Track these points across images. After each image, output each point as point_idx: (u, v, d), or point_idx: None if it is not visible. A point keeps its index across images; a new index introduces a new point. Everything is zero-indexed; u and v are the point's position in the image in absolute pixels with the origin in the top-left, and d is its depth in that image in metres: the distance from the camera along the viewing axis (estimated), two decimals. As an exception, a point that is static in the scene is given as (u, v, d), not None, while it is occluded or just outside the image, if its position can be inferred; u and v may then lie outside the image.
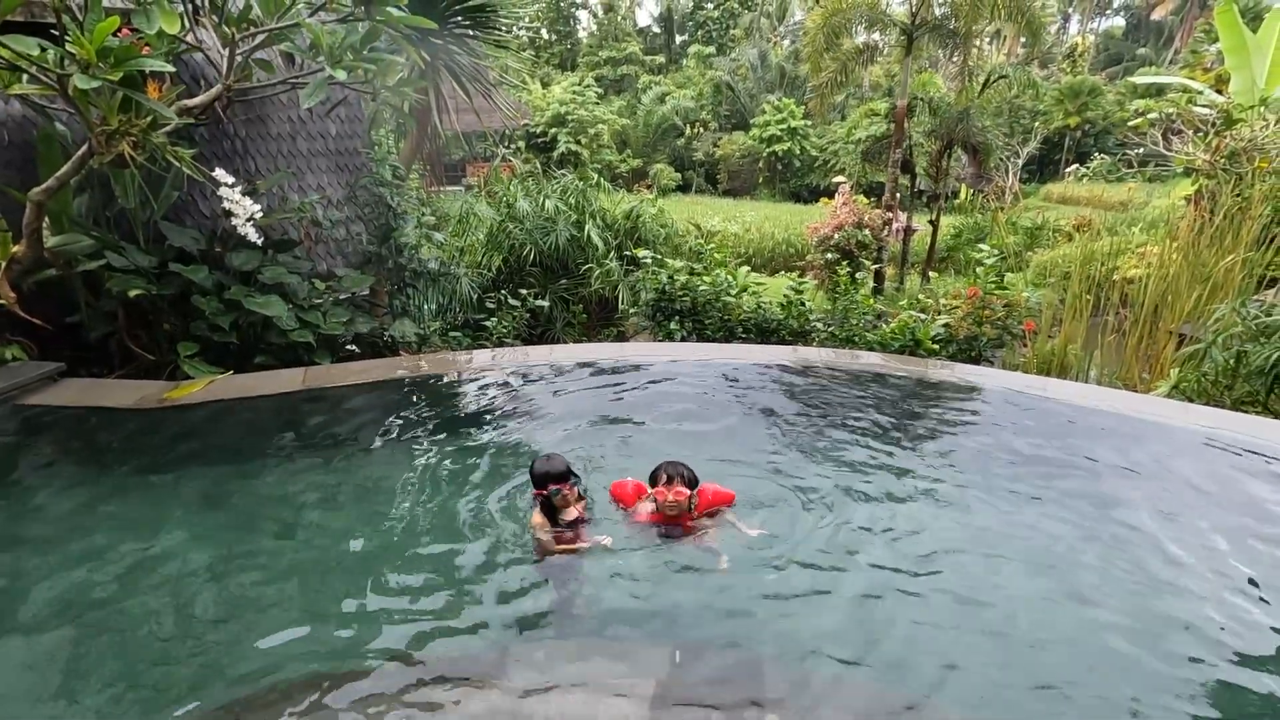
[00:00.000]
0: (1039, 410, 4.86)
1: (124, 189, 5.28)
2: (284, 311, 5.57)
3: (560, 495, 3.37)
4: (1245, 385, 5.40)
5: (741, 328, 6.91)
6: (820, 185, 30.10)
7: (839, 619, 2.97)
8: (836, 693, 2.61)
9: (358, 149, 7.17)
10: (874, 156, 14.49)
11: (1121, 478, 4.10)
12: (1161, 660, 2.76)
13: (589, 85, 34.19)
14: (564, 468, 3.45)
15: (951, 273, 14.99)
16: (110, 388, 4.90)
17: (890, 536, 3.52)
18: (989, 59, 15.55)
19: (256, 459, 4.19)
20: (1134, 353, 8.08)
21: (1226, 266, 7.80)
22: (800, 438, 4.57)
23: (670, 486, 3.42)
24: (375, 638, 2.79)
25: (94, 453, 4.24)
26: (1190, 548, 3.43)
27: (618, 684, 2.59)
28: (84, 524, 3.53)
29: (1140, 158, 15.36)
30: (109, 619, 2.90)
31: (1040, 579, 3.27)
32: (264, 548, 3.43)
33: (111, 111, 4.36)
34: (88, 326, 5.41)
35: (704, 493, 3.54)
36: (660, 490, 3.44)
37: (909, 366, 5.62)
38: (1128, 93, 28.22)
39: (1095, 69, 38.54)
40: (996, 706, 2.56)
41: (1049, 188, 28.02)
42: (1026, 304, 6.64)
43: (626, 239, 8.53)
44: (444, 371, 5.44)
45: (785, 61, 36.54)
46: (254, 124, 6.38)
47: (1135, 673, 2.70)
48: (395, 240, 6.75)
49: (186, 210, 5.95)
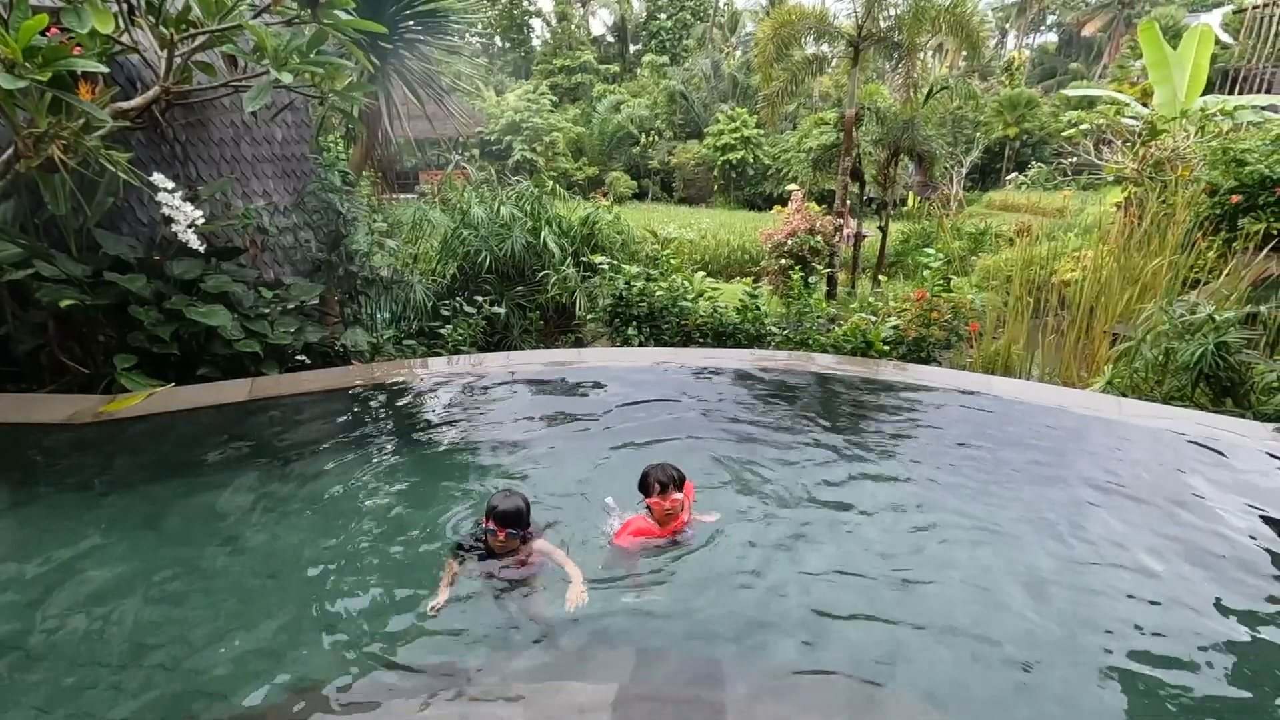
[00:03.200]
0: (984, 407, 5.04)
1: (54, 195, 5.02)
2: (228, 321, 5.38)
3: (493, 535, 3.09)
4: (1173, 380, 5.69)
5: (698, 332, 6.97)
6: (773, 193, 30.61)
7: (799, 610, 3.01)
8: (797, 688, 2.65)
9: (305, 154, 7.00)
10: (824, 165, 14.84)
11: (1062, 467, 4.28)
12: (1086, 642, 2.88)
13: (543, 93, 34.10)
14: (514, 509, 3.11)
15: (901, 277, 15.42)
16: (40, 402, 4.66)
17: (845, 529, 3.60)
18: (932, 72, 16.12)
19: (200, 474, 4.04)
20: (1072, 352, 8.44)
21: (1154, 269, 8.23)
22: (760, 437, 4.63)
23: (666, 495, 3.28)
24: (325, 655, 2.71)
25: (23, 471, 4.02)
26: (1128, 529, 3.60)
27: (579, 690, 2.58)
28: (12, 546, 3.34)
29: (1074, 166, 16.14)
30: (40, 645, 2.74)
31: (987, 566, 3.38)
32: (207, 566, 3.29)
33: (40, 114, 4.16)
34: (14, 339, 5.13)
35: (688, 490, 3.46)
36: (656, 501, 3.30)
37: (861, 368, 5.75)
38: (1061, 105, 29.57)
39: (1031, 82, 40.23)
40: (952, 692, 2.64)
41: (990, 195, 29.09)
42: (971, 306, 6.87)
43: (583, 246, 8.53)
44: (398, 380, 5.34)
45: (737, 71, 37.12)
46: (194, 128, 6.16)
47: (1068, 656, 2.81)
48: (346, 247, 6.60)
49: (123, 217, 5.70)
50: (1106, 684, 2.66)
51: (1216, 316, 5.32)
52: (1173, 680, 2.67)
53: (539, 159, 29.89)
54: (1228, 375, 5.35)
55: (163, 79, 4.79)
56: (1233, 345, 5.28)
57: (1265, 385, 5.41)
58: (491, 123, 30.07)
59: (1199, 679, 2.68)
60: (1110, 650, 2.82)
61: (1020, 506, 3.87)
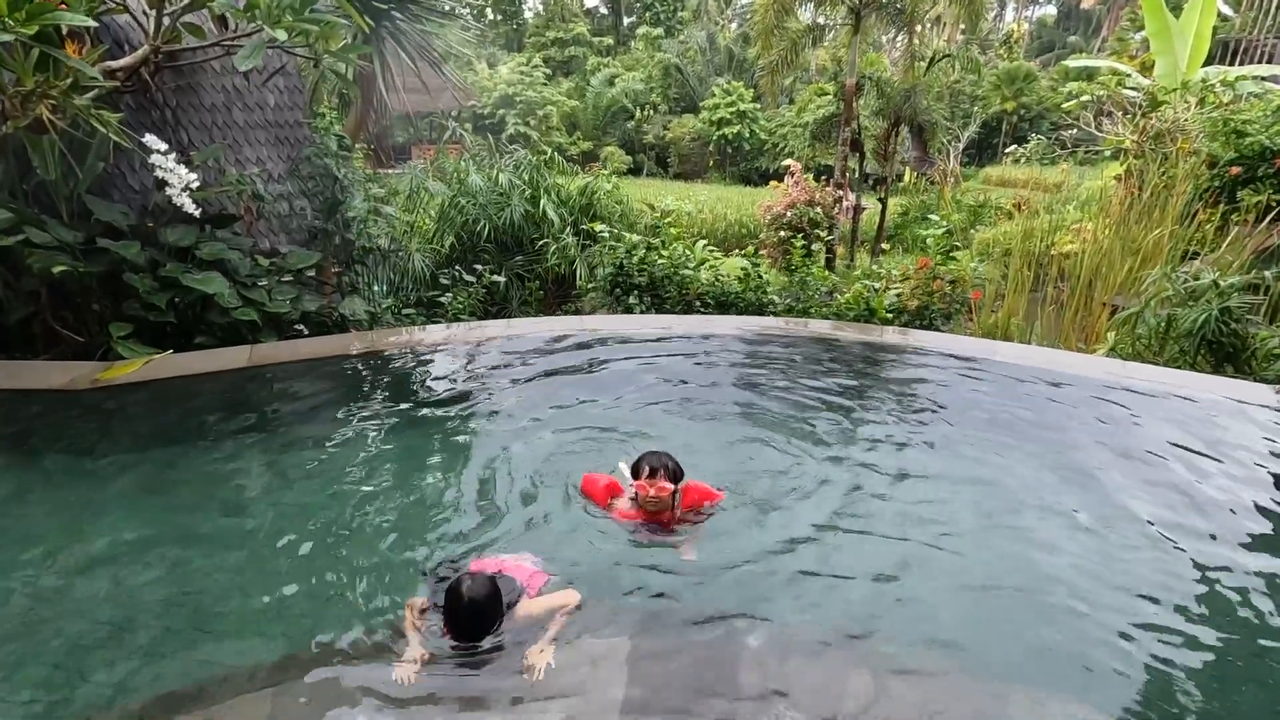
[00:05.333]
0: (990, 371, 5.04)
1: (43, 159, 4.90)
2: (225, 289, 5.29)
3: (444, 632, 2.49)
4: (1175, 346, 5.70)
5: (700, 301, 6.93)
6: (770, 169, 30.34)
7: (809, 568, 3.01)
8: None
9: (298, 121, 6.85)
10: (824, 136, 14.67)
11: (1069, 429, 4.29)
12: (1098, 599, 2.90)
13: (536, 66, 33.55)
14: (483, 599, 2.44)
15: (900, 251, 15.36)
16: (37, 369, 4.59)
17: (858, 492, 3.59)
18: (930, 45, 15.88)
19: (200, 439, 3.99)
20: (1071, 324, 8.46)
21: (1155, 240, 8.22)
22: (767, 402, 4.62)
23: (653, 481, 3.11)
24: (327, 615, 2.69)
25: (20, 438, 3.97)
26: (1138, 491, 3.61)
27: (594, 646, 2.58)
28: (12, 512, 3.30)
29: (1074, 139, 16.02)
30: (44, 609, 2.72)
31: (994, 526, 3.39)
32: (208, 531, 3.27)
33: (26, 72, 4.04)
34: (6, 308, 5.04)
35: (689, 490, 3.28)
36: (642, 484, 3.13)
37: (865, 334, 5.73)
38: (1060, 77, 29.31)
39: (1029, 55, 39.85)
40: (966, 647, 2.65)
41: (987, 171, 28.93)
42: (974, 273, 6.84)
43: (582, 215, 8.43)
44: (398, 347, 5.29)
45: (733, 44, 36.59)
46: (185, 93, 6.00)
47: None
48: (342, 214, 6.49)
49: (113, 184, 5.57)
50: (1118, 642, 2.68)
51: (1221, 282, 5.31)
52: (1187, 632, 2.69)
53: (533, 133, 29.50)
54: (1230, 341, 5.35)
55: (152, 38, 4.65)
56: (1236, 311, 5.28)
57: (1267, 351, 5.42)
58: (484, 96, 29.60)
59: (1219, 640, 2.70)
60: (1124, 610, 2.84)
61: (1035, 465, 3.88)
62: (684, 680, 2.43)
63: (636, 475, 3.19)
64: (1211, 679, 2.53)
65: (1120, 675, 2.50)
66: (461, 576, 2.48)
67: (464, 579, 2.46)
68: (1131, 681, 2.49)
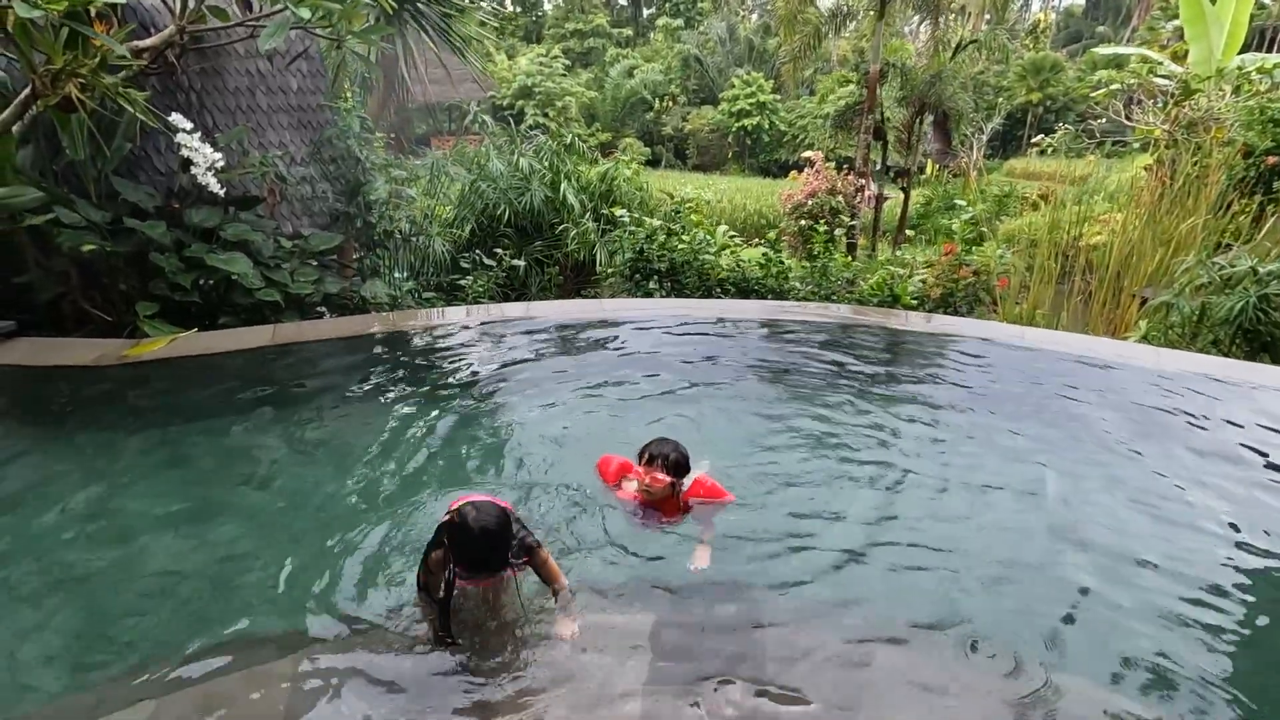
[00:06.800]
0: (1020, 355, 4.95)
1: (72, 139, 4.96)
2: (249, 269, 5.34)
3: (454, 576, 2.27)
4: (1209, 335, 5.56)
5: (720, 287, 6.87)
6: (789, 160, 30.08)
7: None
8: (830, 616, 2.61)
9: (320, 104, 6.88)
10: (846, 124, 14.47)
11: (1102, 410, 4.20)
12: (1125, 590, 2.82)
13: (556, 57, 33.50)
14: (494, 524, 2.21)
15: (922, 242, 15.16)
16: (66, 346, 4.65)
17: (890, 478, 3.53)
18: (955, 34, 15.63)
19: (223, 415, 4.02)
20: (1098, 315, 8.29)
21: (1188, 229, 8.02)
22: (786, 388, 4.56)
23: (649, 469, 3.06)
24: (343, 595, 2.68)
25: (50, 412, 4.03)
26: (1179, 479, 3.52)
27: (614, 619, 2.56)
28: (42, 482, 3.35)
29: (1101, 129, 15.68)
30: (71, 577, 2.76)
31: (1031, 512, 3.32)
32: (229, 503, 3.29)
33: (56, 51, 4.08)
34: (36, 287, 5.12)
35: (698, 485, 3.20)
36: (637, 471, 3.12)
37: (888, 319, 5.65)
38: (1089, 67, 28.72)
39: (1056, 46, 39.09)
40: (988, 629, 2.60)
41: (1011, 163, 28.48)
42: (1000, 261, 6.72)
43: (602, 201, 8.39)
44: (418, 328, 5.31)
45: (753, 35, 36.27)
46: (210, 76, 6.05)
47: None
48: (364, 197, 6.51)
49: (140, 166, 5.64)
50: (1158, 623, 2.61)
51: (1260, 268, 5.16)
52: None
53: (551, 124, 29.48)
54: (1268, 329, 5.20)
55: (178, 18, 4.68)
56: (1275, 299, 5.13)
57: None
58: (503, 87, 29.62)
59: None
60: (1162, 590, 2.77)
61: (1067, 454, 3.80)
62: (684, 663, 2.39)
63: (641, 460, 3.15)
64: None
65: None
66: (464, 508, 2.24)
67: (467, 508, 2.23)
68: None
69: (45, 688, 2.29)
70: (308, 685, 2.27)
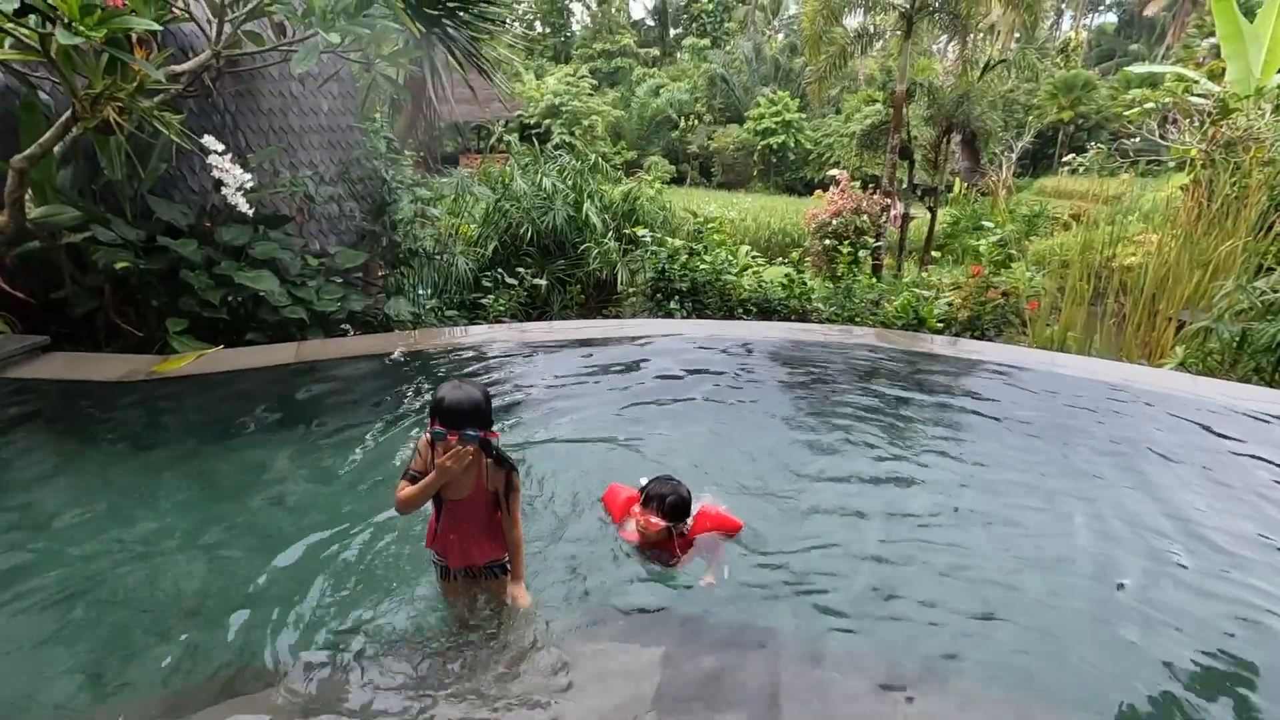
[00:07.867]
0: (1051, 381, 4.81)
1: (110, 160, 5.12)
2: (276, 287, 5.43)
3: (441, 439, 2.26)
4: (1250, 362, 5.36)
5: (742, 307, 6.83)
6: (814, 179, 30.02)
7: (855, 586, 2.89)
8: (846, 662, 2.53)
9: (350, 125, 7.03)
10: (873, 143, 14.39)
11: (1138, 444, 4.05)
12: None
13: (583, 76, 33.95)
14: (469, 401, 2.27)
15: (949, 262, 14.96)
16: (97, 361, 4.76)
17: (912, 510, 3.44)
18: (984, 53, 15.50)
19: (247, 431, 4.08)
20: (1133, 339, 8.06)
21: (1227, 251, 7.78)
22: (807, 412, 4.49)
23: (645, 511, 2.93)
24: (360, 605, 2.68)
25: (81, 425, 4.11)
26: (1213, 515, 3.38)
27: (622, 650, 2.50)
28: (67, 496, 3.40)
29: (1135, 147, 15.38)
30: (94, 588, 2.78)
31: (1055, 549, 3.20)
32: (252, 520, 3.30)
33: (96, 75, 4.21)
34: (72, 302, 5.26)
35: (701, 517, 3.06)
36: (638, 512, 2.99)
37: (914, 343, 5.54)
38: (1122, 85, 28.28)
39: (1088, 64, 38.61)
40: (1007, 673, 2.49)
41: (1042, 182, 28.07)
42: (1030, 283, 6.58)
43: (624, 220, 8.42)
44: (441, 347, 5.33)
45: (780, 54, 36.42)
46: (244, 98, 6.22)
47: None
48: (390, 216, 6.60)
49: (174, 185, 5.79)
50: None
51: (1304, 294, 4.98)
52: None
53: (578, 143, 29.84)
54: (1313, 357, 5.01)
55: (214, 43, 4.82)
56: (1320, 325, 4.94)
57: (1354, 369, 5.06)
58: (531, 106, 30.08)
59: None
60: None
61: (1098, 484, 3.67)
62: (683, 692, 2.33)
63: (641, 499, 3.03)
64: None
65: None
66: (449, 382, 2.39)
67: (452, 383, 2.38)
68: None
69: (64, 701, 2.30)
70: (325, 707, 2.26)
